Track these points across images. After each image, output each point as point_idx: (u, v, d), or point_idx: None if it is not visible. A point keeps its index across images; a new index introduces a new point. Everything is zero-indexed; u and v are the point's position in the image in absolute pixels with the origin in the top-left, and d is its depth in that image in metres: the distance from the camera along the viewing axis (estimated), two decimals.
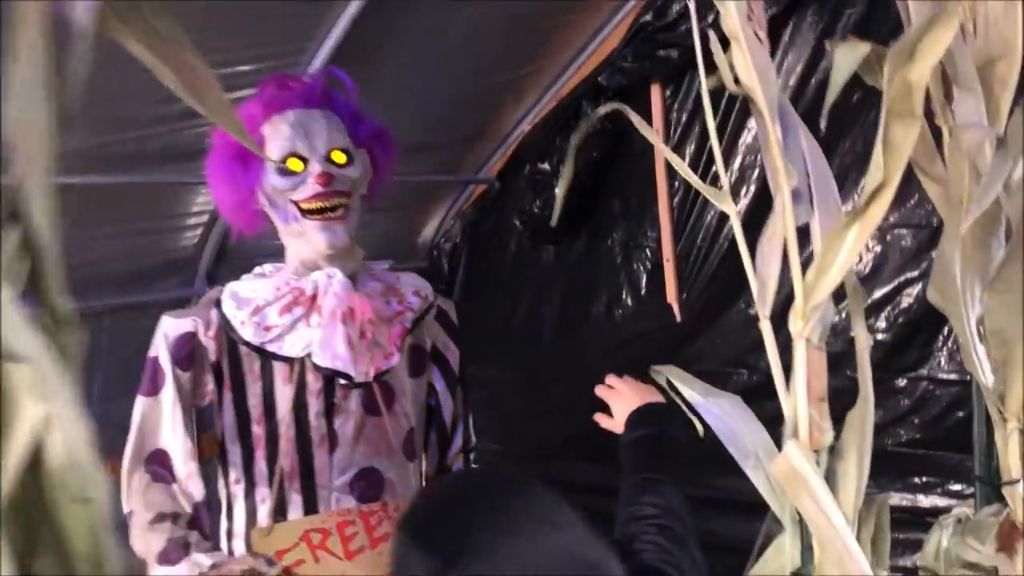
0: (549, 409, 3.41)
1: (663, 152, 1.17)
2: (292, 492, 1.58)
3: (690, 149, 2.79)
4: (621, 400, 1.35)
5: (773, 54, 2.55)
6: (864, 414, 1.08)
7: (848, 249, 0.99)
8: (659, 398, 1.33)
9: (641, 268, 3.02)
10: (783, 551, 1.11)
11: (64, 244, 1.66)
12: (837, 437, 1.08)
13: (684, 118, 2.80)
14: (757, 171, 2.61)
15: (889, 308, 2.41)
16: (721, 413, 1.17)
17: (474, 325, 3.87)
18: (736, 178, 2.65)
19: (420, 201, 3.61)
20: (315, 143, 1.55)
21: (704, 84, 1.13)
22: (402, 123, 2.94)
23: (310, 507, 1.58)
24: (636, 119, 1.20)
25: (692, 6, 1.14)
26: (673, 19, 2.58)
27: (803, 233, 1.07)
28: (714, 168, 2.72)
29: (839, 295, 1.11)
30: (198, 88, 0.80)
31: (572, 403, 3.30)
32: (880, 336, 2.39)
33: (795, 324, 1.02)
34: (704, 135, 2.73)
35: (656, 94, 2.84)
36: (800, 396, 1.02)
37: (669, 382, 1.23)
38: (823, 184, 1.05)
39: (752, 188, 2.61)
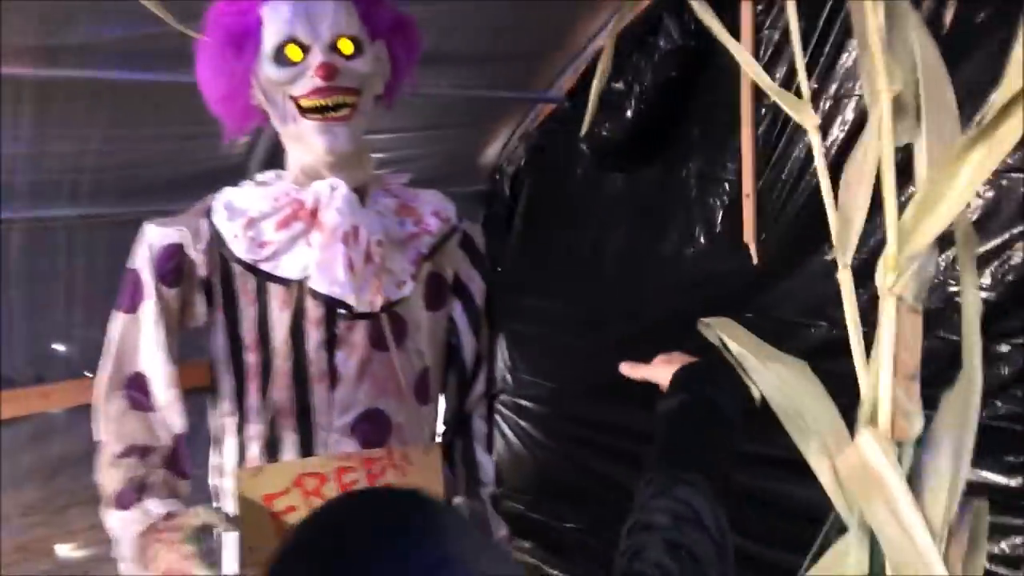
0: (608, 348, 3.20)
1: (741, 59, 0.92)
2: (286, 430, 1.40)
3: (781, 72, 2.48)
4: (666, 367, 1.12)
5: None
6: (968, 396, 0.83)
7: (965, 182, 0.73)
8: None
9: (717, 202, 2.74)
10: (846, 559, 0.88)
11: (105, 144, 1.47)
12: (928, 422, 0.84)
13: (776, 37, 2.49)
14: (855, 101, 2.30)
15: (996, 263, 2.10)
16: (781, 382, 0.94)
17: (534, 254, 3.68)
18: (830, 106, 2.34)
19: (483, 119, 3.38)
20: (318, 28, 1.31)
21: None
22: (463, 31, 2.70)
23: (306, 449, 1.40)
24: (714, 23, 0.96)
25: None
26: None
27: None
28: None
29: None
30: None
31: (634, 342, 3.09)
32: (983, 295, 2.10)
33: (885, 277, 0.78)
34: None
35: (746, 8, 2.52)
36: (884, 371, 0.79)
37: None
38: (937, 94, 0.79)
39: (849, 118, 2.31)
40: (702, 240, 2.79)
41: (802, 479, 0.99)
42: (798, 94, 0.92)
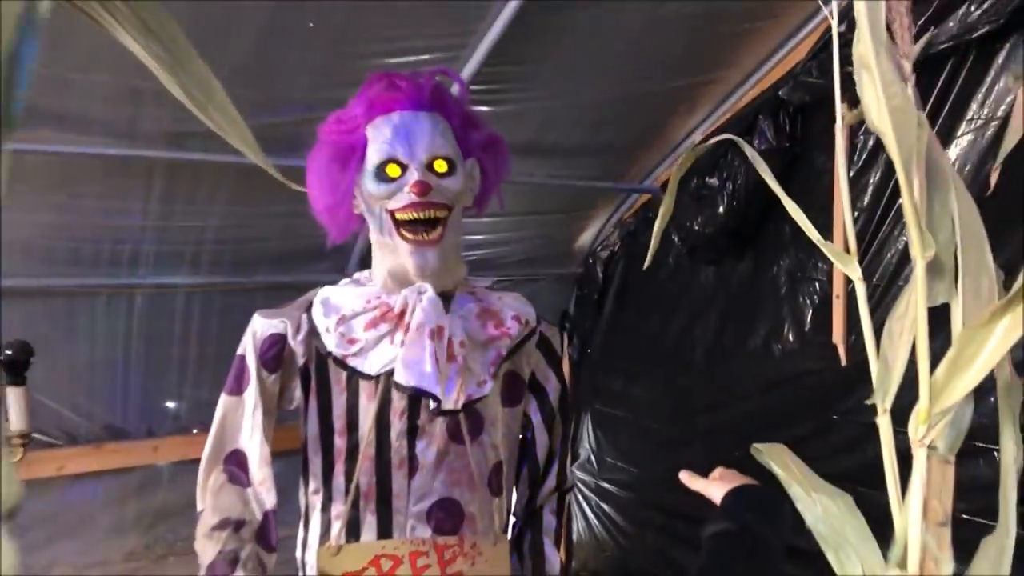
0: (693, 438, 3.21)
1: (789, 206, 0.98)
2: (367, 513, 1.50)
3: (875, 177, 2.50)
4: (719, 486, 1.16)
5: (982, 77, 2.22)
6: (1003, 544, 0.86)
7: (995, 345, 0.78)
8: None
9: (807, 301, 2.74)
10: None
11: (224, 220, 1.70)
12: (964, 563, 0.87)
13: (871, 143, 2.51)
14: None
15: None
16: (825, 513, 0.97)
17: (623, 337, 3.73)
18: None
19: (580, 206, 3.48)
20: (416, 149, 1.45)
21: (840, 116, 0.94)
22: (563, 125, 2.83)
23: (384, 531, 1.49)
24: (751, 153, 1.02)
25: (835, 22, 0.94)
26: None
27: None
28: (898, 202, 2.45)
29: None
30: (198, 90, 0.71)
31: (718, 435, 3.09)
32: None
33: (916, 428, 0.82)
34: (892, 164, 2.43)
35: (840, 110, 2.55)
36: (914, 518, 0.82)
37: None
38: (975, 257, 0.84)
39: None
40: (791, 338, 2.79)
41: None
42: (893, 208, 0.97)
